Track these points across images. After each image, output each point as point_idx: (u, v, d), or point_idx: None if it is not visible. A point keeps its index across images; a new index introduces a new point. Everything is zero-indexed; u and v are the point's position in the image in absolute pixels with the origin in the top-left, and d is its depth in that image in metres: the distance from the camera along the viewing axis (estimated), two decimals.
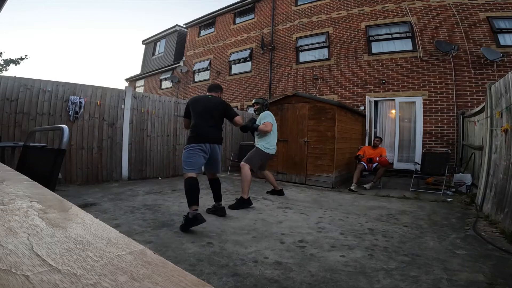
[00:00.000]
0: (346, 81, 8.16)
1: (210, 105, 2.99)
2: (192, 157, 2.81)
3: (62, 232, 0.41)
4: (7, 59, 11.04)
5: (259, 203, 3.80)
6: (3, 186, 0.73)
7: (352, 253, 2.16)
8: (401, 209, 3.66)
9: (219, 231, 2.58)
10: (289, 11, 9.84)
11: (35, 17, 66.83)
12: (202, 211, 2.98)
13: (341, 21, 8.52)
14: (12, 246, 0.35)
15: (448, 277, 1.78)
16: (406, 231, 2.73)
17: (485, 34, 6.47)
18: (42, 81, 4.41)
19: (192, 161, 2.80)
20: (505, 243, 2.39)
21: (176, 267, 0.31)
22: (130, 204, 3.49)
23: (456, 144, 6.50)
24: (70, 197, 2.68)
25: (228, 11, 11.70)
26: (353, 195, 4.61)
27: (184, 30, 13.98)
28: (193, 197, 2.66)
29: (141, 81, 15.82)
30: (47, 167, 1.28)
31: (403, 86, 7.26)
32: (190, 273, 0.30)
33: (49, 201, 0.59)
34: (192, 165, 2.80)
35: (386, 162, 5.12)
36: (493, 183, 3.23)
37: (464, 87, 6.57)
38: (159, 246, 2.18)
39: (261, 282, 1.69)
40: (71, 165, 4.61)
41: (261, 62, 10.24)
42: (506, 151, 2.94)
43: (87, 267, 0.30)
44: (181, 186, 4.87)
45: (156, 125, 5.81)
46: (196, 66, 12.51)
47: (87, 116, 4.80)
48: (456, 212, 3.54)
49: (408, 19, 7.40)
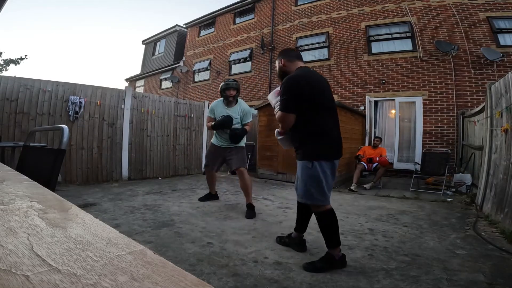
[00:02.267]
0: (346, 81, 8.16)
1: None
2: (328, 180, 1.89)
3: (62, 232, 0.41)
4: (7, 59, 11.04)
5: (259, 203, 3.80)
6: (3, 186, 0.73)
7: (352, 253, 2.16)
8: (401, 209, 3.66)
9: (219, 231, 2.58)
10: (289, 11, 9.84)
11: (35, 17, 66.78)
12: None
13: (341, 21, 8.52)
14: (12, 246, 0.35)
15: (448, 277, 1.78)
16: (406, 231, 2.73)
17: (485, 34, 6.47)
18: (42, 81, 4.41)
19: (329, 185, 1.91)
20: (505, 243, 2.39)
21: (176, 267, 0.31)
22: (130, 204, 3.49)
23: (456, 144, 6.50)
24: (70, 197, 2.68)
25: (228, 11, 11.70)
26: (353, 195, 4.61)
27: (184, 30, 13.98)
28: (338, 235, 1.93)
29: (141, 81, 15.82)
30: (47, 167, 1.28)
31: (403, 86, 7.26)
32: (190, 273, 0.30)
33: (49, 201, 0.59)
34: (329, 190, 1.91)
35: (386, 162, 5.12)
36: (493, 183, 3.23)
37: (464, 87, 6.57)
38: (159, 246, 2.18)
39: (261, 282, 1.69)
40: (71, 165, 4.61)
41: (261, 62, 10.24)
42: (506, 151, 2.94)
43: (87, 267, 0.30)
44: (181, 186, 4.89)
45: (156, 125, 5.81)
46: (196, 66, 12.51)
47: (87, 116, 4.80)
48: (456, 212, 3.54)
49: (408, 19, 7.40)
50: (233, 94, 3.26)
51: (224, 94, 3.28)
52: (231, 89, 3.24)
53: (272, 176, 5.87)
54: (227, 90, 3.24)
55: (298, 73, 1.89)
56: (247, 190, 3.26)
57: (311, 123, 1.85)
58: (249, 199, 3.28)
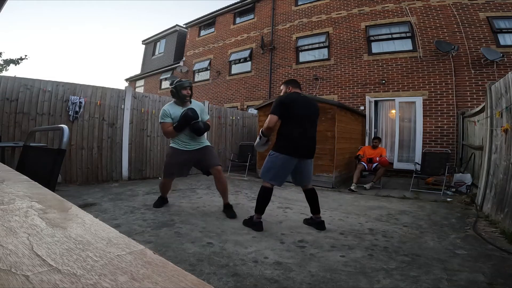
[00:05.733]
0: (346, 81, 8.16)
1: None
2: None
3: (62, 232, 0.41)
4: (7, 59, 11.03)
5: None
6: (3, 186, 0.73)
7: (352, 253, 2.16)
8: (401, 209, 3.66)
9: (219, 231, 2.58)
10: (289, 11, 9.84)
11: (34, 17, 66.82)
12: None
13: (341, 21, 8.52)
14: (12, 246, 0.35)
15: (448, 277, 1.78)
16: (406, 231, 2.73)
17: (485, 34, 6.47)
18: (42, 81, 4.41)
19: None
20: (505, 243, 2.39)
21: (176, 267, 0.31)
22: (130, 204, 3.49)
23: (456, 144, 6.50)
24: (70, 197, 2.68)
25: (228, 11, 11.70)
26: (353, 195, 4.61)
27: (184, 30, 13.98)
28: (263, 206, 2.74)
29: (141, 81, 15.82)
30: (47, 167, 1.28)
31: (403, 86, 7.26)
32: (190, 273, 0.30)
33: (49, 201, 0.59)
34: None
35: (386, 162, 5.12)
36: (493, 183, 3.23)
37: (464, 87, 6.57)
38: (159, 246, 2.18)
39: (261, 282, 1.69)
40: (71, 165, 4.61)
41: (261, 62, 10.24)
42: (506, 151, 2.94)
43: (87, 267, 0.30)
44: (181, 186, 4.89)
45: (156, 125, 5.80)
46: (196, 66, 12.51)
47: (87, 116, 4.80)
48: (456, 212, 3.54)
49: (408, 19, 7.40)
50: (190, 93, 3.15)
51: (180, 94, 3.08)
52: (188, 88, 3.12)
53: None
54: (184, 90, 3.08)
55: (289, 95, 2.73)
56: (226, 191, 3.22)
57: (282, 129, 2.66)
58: (227, 199, 3.26)
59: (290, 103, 2.61)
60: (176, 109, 3.09)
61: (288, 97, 2.67)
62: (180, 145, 3.13)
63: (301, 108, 2.65)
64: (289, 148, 2.59)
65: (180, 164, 3.17)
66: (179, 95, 3.11)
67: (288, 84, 2.84)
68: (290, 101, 2.62)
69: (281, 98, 2.68)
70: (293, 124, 2.61)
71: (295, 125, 2.61)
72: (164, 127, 3.09)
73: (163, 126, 3.10)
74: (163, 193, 3.45)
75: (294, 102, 2.63)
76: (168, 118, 3.06)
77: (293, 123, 2.61)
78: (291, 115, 2.59)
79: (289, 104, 2.60)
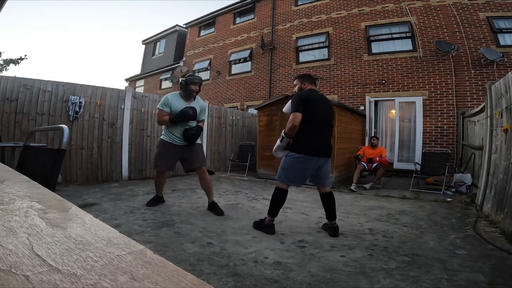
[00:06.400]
0: (346, 81, 8.16)
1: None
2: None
3: (62, 232, 0.41)
4: (7, 59, 11.02)
5: (259, 203, 3.80)
6: (3, 186, 0.73)
7: (352, 253, 2.16)
8: (401, 209, 3.66)
9: (219, 231, 2.58)
10: (289, 11, 9.84)
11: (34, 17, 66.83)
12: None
13: (341, 21, 8.52)
14: (12, 246, 0.35)
15: (448, 277, 1.78)
16: (406, 231, 2.73)
17: (485, 34, 6.47)
18: (42, 81, 4.41)
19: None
20: (505, 243, 2.39)
21: (176, 267, 0.31)
22: (130, 204, 3.49)
23: (456, 144, 6.50)
24: (70, 197, 2.68)
25: (228, 11, 11.71)
26: (353, 195, 4.61)
27: (184, 30, 13.98)
28: (276, 208, 2.63)
29: (141, 81, 15.82)
30: (47, 167, 1.28)
31: (403, 86, 7.26)
32: (190, 273, 0.30)
33: (49, 201, 0.59)
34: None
35: (386, 162, 5.12)
36: (493, 183, 3.23)
37: (464, 87, 6.57)
38: (159, 246, 2.18)
39: (261, 282, 1.69)
40: (71, 165, 4.61)
41: (261, 62, 10.24)
42: (506, 151, 2.94)
43: (87, 267, 0.30)
44: (181, 186, 4.89)
45: (156, 125, 5.80)
46: (196, 66, 12.51)
47: (87, 116, 4.80)
48: (456, 212, 3.54)
49: (408, 19, 7.40)
50: (198, 90, 3.15)
51: (188, 88, 3.08)
52: (197, 84, 3.13)
53: (272, 176, 5.86)
54: (193, 85, 3.10)
55: (308, 92, 2.58)
56: (210, 189, 3.24)
57: (300, 128, 2.46)
58: (212, 197, 3.29)
59: (311, 100, 2.47)
60: (178, 102, 3.11)
61: (308, 94, 2.52)
62: (170, 138, 3.16)
63: (320, 107, 2.52)
64: (308, 148, 2.46)
65: (169, 158, 3.20)
66: (187, 89, 3.10)
67: (303, 80, 2.68)
68: (311, 98, 2.49)
69: (302, 94, 2.52)
70: (312, 123, 2.46)
71: (315, 124, 2.48)
72: (160, 114, 3.12)
73: (160, 113, 3.12)
74: (158, 190, 3.48)
75: (314, 100, 2.49)
76: (167, 108, 3.08)
77: (312, 122, 2.46)
78: (310, 114, 2.44)
79: (310, 102, 2.46)
